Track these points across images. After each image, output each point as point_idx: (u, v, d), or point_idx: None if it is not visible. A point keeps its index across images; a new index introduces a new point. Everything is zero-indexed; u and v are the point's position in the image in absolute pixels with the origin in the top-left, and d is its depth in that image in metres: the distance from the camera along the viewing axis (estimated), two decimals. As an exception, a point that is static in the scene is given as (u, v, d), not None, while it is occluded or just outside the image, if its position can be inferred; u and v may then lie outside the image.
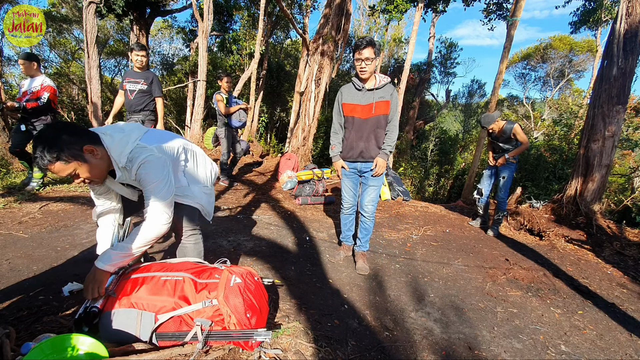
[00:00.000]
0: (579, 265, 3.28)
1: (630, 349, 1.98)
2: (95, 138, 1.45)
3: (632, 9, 4.00)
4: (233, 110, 4.98)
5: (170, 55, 17.83)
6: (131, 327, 1.41)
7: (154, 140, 1.60)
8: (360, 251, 2.79)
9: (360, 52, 2.32)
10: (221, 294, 1.45)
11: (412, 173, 11.97)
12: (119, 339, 1.42)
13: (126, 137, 1.50)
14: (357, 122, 2.51)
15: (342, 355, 1.65)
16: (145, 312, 1.41)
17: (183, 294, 1.46)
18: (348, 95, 2.53)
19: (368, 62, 2.34)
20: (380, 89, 2.46)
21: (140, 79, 4.02)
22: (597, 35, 14.09)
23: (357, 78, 2.49)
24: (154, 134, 1.67)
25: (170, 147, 1.69)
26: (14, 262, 2.28)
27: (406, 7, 7.83)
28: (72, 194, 4.03)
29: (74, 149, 1.34)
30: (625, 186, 8.37)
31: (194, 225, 1.87)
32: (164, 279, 1.50)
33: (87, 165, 1.40)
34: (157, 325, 1.41)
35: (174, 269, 1.58)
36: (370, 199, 2.63)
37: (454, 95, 19.43)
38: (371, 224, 2.70)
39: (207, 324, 1.42)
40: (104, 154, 1.46)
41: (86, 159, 1.40)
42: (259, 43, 8.61)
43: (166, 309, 1.42)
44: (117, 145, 1.47)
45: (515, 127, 3.77)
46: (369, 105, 2.47)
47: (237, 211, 4.10)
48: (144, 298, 1.43)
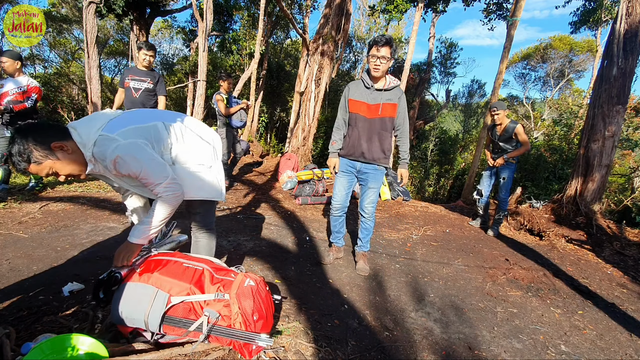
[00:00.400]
0: (579, 265, 3.28)
1: (630, 349, 1.98)
2: (65, 133, 1.40)
3: (632, 9, 4.00)
4: (233, 110, 4.97)
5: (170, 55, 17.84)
6: (144, 303, 1.42)
7: (118, 125, 1.46)
8: (361, 251, 2.77)
9: (379, 48, 2.26)
10: (234, 291, 1.49)
11: (412, 173, 11.97)
12: (127, 314, 1.42)
13: (88, 128, 1.42)
14: (362, 121, 2.47)
15: (342, 355, 1.65)
16: (160, 292, 1.44)
17: (200, 283, 1.51)
18: (355, 92, 2.49)
19: (383, 61, 2.29)
20: (389, 91, 2.43)
21: (147, 78, 3.94)
22: (597, 35, 14.07)
23: (368, 75, 2.43)
24: (123, 118, 1.52)
25: (142, 128, 1.52)
26: (14, 262, 2.28)
27: (406, 7, 7.83)
28: (72, 194, 4.03)
29: (42, 148, 1.32)
30: (625, 186, 8.37)
31: (207, 220, 1.89)
32: (185, 265, 1.56)
33: (60, 162, 1.37)
34: (168, 307, 1.43)
35: (196, 260, 1.65)
36: (370, 201, 2.61)
37: (454, 95, 19.41)
38: (372, 224, 2.68)
39: (215, 315, 1.44)
40: (75, 148, 1.40)
41: (58, 156, 1.36)
42: (259, 43, 8.61)
43: (181, 292, 1.46)
44: (81, 138, 1.41)
45: (518, 127, 3.74)
46: (376, 106, 2.43)
47: (237, 211, 4.10)
48: (164, 278, 1.47)
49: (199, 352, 1.47)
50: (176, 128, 1.65)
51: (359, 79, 2.54)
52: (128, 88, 3.90)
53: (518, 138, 3.77)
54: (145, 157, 1.44)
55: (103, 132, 1.41)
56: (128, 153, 1.40)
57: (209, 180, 1.76)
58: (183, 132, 1.67)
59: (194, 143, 1.71)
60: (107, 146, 1.39)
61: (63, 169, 1.40)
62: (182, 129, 1.68)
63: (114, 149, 1.38)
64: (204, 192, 1.75)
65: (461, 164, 13.09)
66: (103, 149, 1.39)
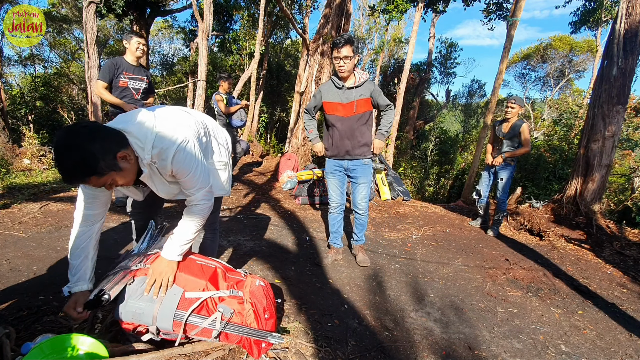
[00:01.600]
0: (579, 265, 3.28)
1: (630, 349, 1.98)
2: (123, 139, 1.23)
3: (632, 9, 4.00)
4: (234, 110, 4.97)
5: (170, 55, 17.85)
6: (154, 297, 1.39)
7: (169, 122, 1.35)
8: (358, 245, 2.86)
9: (339, 50, 2.27)
10: (247, 288, 1.51)
11: (412, 173, 11.96)
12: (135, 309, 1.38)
13: (144, 129, 1.28)
14: (340, 121, 2.51)
15: (342, 355, 1.65)
16: (175, 286, 1.44)
17: (215, 279, 1.52)
18: (328, 94, 2.51)
19: (347, 61, 2.30)
20: (361, 87, 2.45)
21: (143, 76, 3.51)
22: (597, 35, 14.07)
23: (336, 76, 2.47)
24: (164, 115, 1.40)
25: (188, 125, 1.44)
26: (14, 262, 2.28)
27: (406, 7, 7.83)
28: (72, 194, 4.03)
29: (108, 159, 1.15)
30: (625, 186, 8.36)
31: (212, 220, 1.88)
32: (199, 263, 1.57)
33: (122, 173, 1.23)
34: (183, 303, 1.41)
35: (207, 258, 1.66)
36: (362, 197, 2.67)
37: (454, 95, 19.42)
38: (365, 219, 2.76)
39: (229, 311, 1.45)
40: (134, 156, 1.27)
41: (121, 166, 1.20)
42: (259, 43, 8.62)
43: (196, 288, 1.46)
44: (140, 142, 1.26)
45: (524, 125, 3.71)
46: (351, 104, 2.46)
47: (237, 211, 4.10)
48: (179, 274, 1.47)
49: (199, 352, 1.47)
50: (207, 126, 1.65)
51: (328, 81, 2.56)
52: (127, 88, 3.45)
53: (521, 137, 3.74)
54: (198, 159, 1.38)
55: (158, 130, 1.29)
56: (187, 151, 1.33)
57: (226, 178, 1.79)
58: (214, 131, 1.70)
59: (215, 142, 1.73)
60: (168, 145, 1.29)
61: (121, 180, 1.26)
62: (211, 127, 1.71)
63: (177, 148, 1.29)
64: (222, 191, 1.78)
65: (461, 164, 13.09)
66: (164, 149, 1.28)
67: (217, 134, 1.77)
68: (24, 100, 10.31)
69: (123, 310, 1.39)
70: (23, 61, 13.51)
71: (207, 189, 1.46)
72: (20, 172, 4.87)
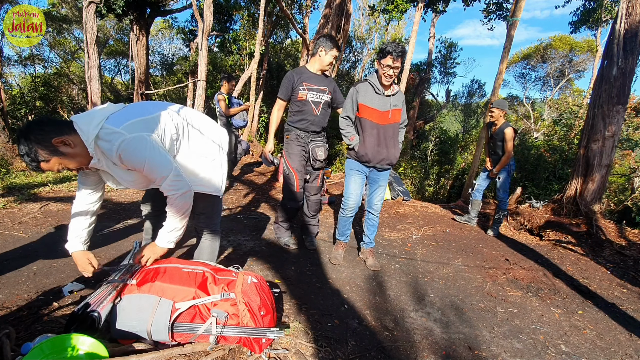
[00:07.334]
0: (579, 265, 3.28)
1: (630, 349, 1.98)
2: (66, 127, 1.37)
3: (632, 9, 4.00)
4: (235, 111, 4.97)
5: (170, 55, 17.85)
6: (145, 313, 1.40)
7: (123, 119, 1.43)
8: (368, 248, 2.84)
9: (396, 60, 2.27)
10: (239, 288, 1.49)
11: (412, 173, 11.95)
12: (128, 327, 1.41)
13: (87, 123, 1.38)
14: (375, 128, 2.49)
15: (342, 355, 1.65)
16: (164, 299, 1.43)
17: (204, 285, 1.50)
18: (365, 96, 2.47)
19: (396, 70, 2.33)
20: (395, 96, 2.50)
21: (325, 87, 2.76)
22: (597, 35, 14.07)
23: (378, 81, 2.45)
24: (127, 111, 1.49)
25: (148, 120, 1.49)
26: (14, 262, 2.28)
27: (406, 7, 7.83)
28: (72, 194, 4.03)
29: (45, 146, 1.31)
30: (625, 186, 8.37)
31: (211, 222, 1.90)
32: (185, 270, 1.56)
33: (66, 157, 1.36)
34: (176, 315, 1.42)
35: (193, 264, 1.65)
36: (380, 198, 2.71)
37: (454, 95, 19.43)
38: (377, 221, 2.79)
39: (223, 315, 1.44)
40: (78, 142, 1.37)
41: (62, 151, 1.35)
42: (259, 43, 8.61)
43: (186, 297, 1.45)
44: (82, 133, 1.37)
45: (507, 130, 3.73)
46: (386, 112, 2.48)
47: (237, 211, 4.10)
48: (166, 285, 1.46)
49: (198, 352, 1.47)
50: (181, 119, 1.66)
51: (365, 82, 2.51)
52: (305, 102, 2.70)
53: (504, 141, 3.76)
54: (150, 151, 1.43)
55: (107, 126, 1.38)
56: (133, 146, 1.39)
57: (213, 175, 1.78)
58: (189, 123, 1.70)
59: (197, 135, 1.73)
60: (113, 140, 1.37)
61: (71, 164, 1.40)
62: (188, 119, 1.70)
63: (120, 143, 1.37)
64: (207, 188, 1.76)
65: (461, 164, 13.09)
66: (109, 144, 1.38)
67: (204, 128, 1.78)
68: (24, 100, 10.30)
69: (118, 331, 1.42)
70: (23, 61, 13.49)
71: (170, 176, 1.47)
72: (20, 172, 4.87)
